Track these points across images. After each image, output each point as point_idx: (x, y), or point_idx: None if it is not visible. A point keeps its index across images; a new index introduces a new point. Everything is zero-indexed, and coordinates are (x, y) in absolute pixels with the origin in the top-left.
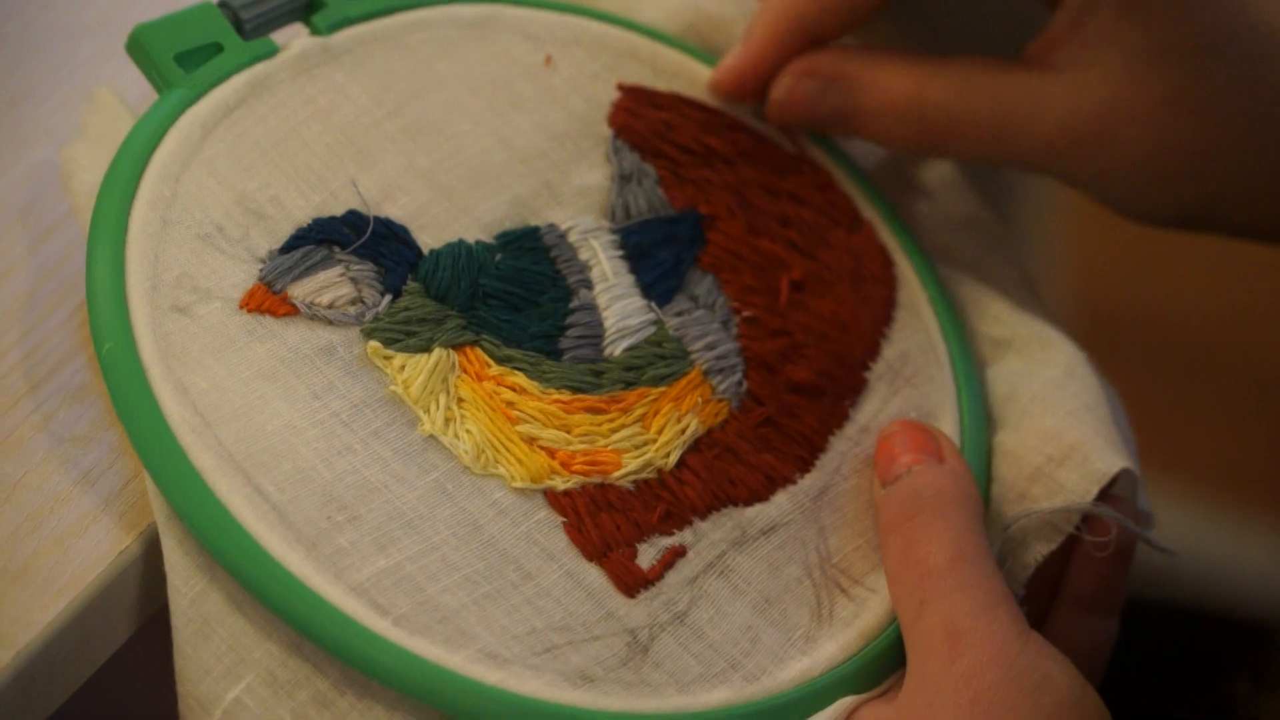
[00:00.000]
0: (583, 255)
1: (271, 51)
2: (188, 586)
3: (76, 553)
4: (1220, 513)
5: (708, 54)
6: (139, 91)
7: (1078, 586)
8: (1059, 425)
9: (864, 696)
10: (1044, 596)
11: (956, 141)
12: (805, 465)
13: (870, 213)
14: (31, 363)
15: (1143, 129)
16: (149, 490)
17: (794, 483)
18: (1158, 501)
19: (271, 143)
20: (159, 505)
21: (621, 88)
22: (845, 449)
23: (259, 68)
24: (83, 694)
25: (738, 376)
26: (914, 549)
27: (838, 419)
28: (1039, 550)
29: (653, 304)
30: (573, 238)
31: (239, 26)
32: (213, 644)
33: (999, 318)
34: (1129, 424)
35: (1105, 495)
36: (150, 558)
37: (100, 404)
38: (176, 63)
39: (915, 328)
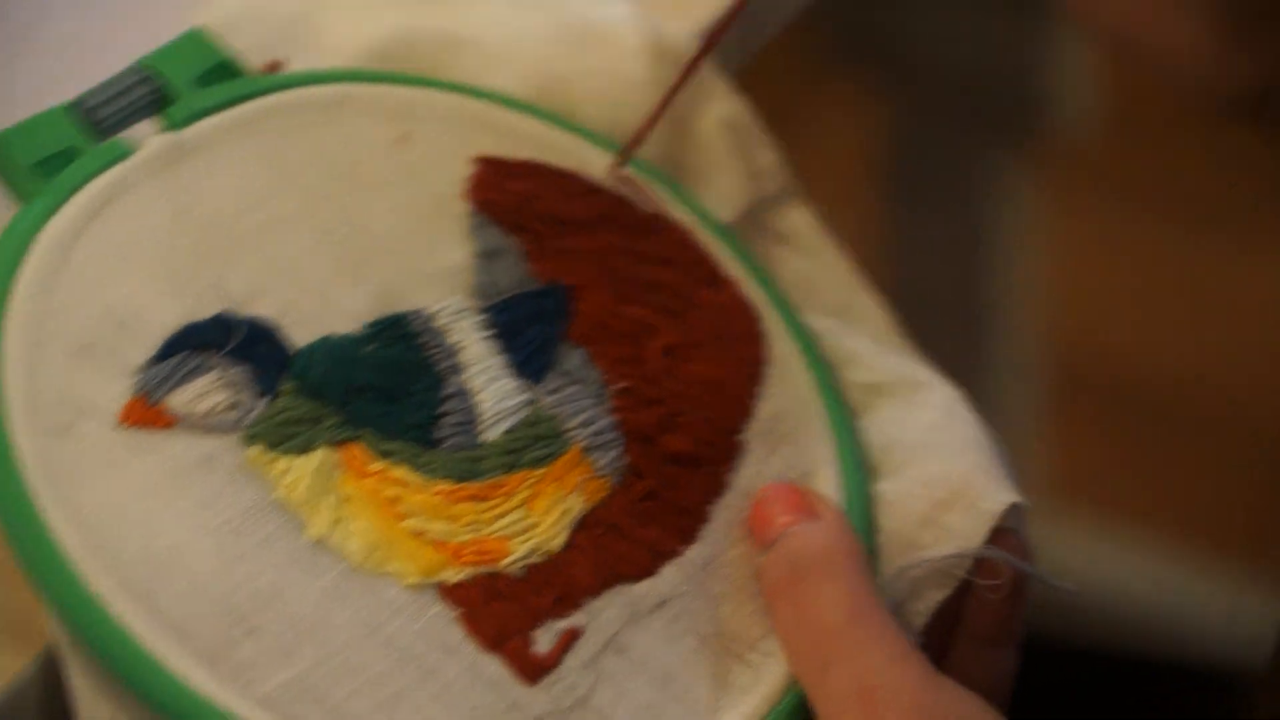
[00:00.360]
0: (452, 339)
1: (126, 153)
2: (96, 711)
3: None
4: (1187, 559)
5: (559, 118)
6: None
7: (975, 625)
8: (943, 469)
9: None
10: (940, 636)
11: None
12: (689, 536)
13: (733, 267)
14: None
15: None
16: (49, 617)
17: (679, 555)
18: (1127, 550)
19: (136, 249)
20: (59, 632)
21: (476, 160)
22: (728, 517)
23: (116, 170)
24: None
25: (617, 451)
26: (807, 611)
27: (717, 487)
28: (933, 597)
29: (527, 383)
30: (440, 321)
31: (92, 128)
32: None
33: (869, 364)
34: (1007, 458)
35: (995, 531)
36: (48, 680)
37: None
38: (34, 172)
39: (788, 383)
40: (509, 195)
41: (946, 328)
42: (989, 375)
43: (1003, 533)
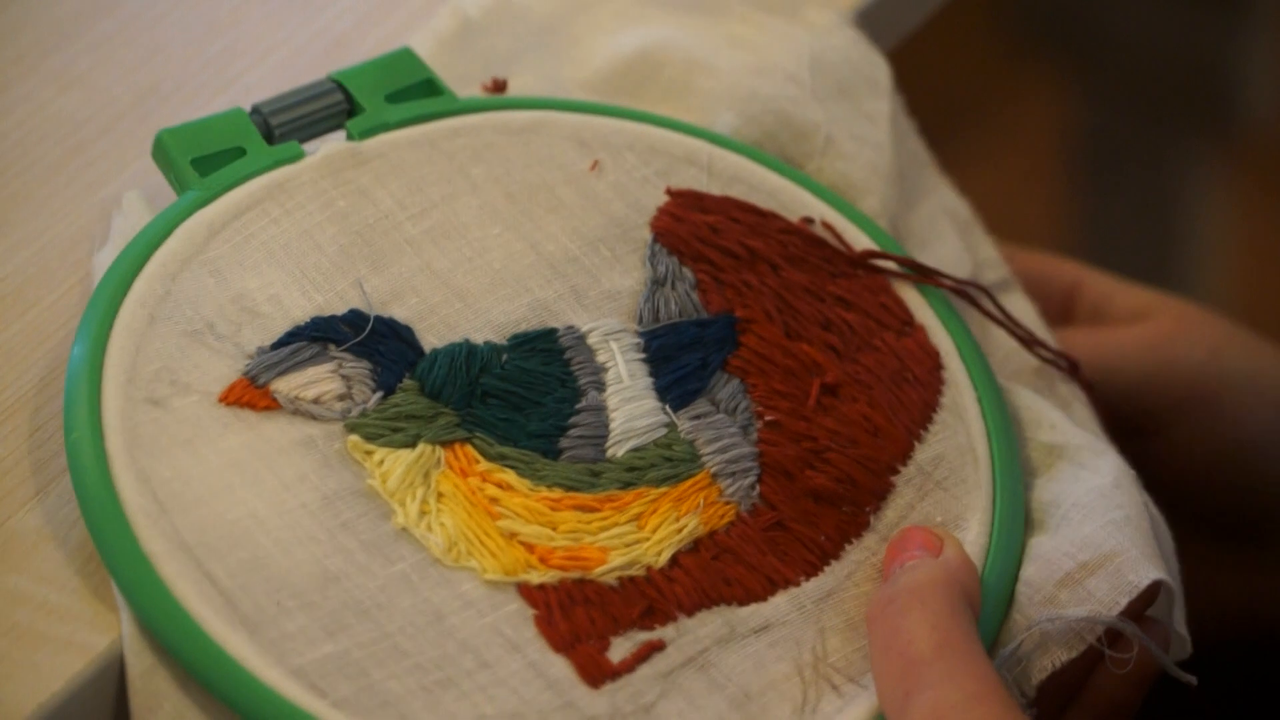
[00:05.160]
0: (600, 357)
1: (297, 156)
2: (139, 661)
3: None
4: None
5: (780, 162)
6: None
7: (1094, 698)
8: (1097, 534)
9: None
10: (1057, 702)
11: None
12: (813, 570)
13: (928, 316)
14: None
15: None
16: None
17: (797, 585)
18: None
19: (281, 244)
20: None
21: (670, 192)
22: (861, 557)
23: (281, 171)
24: None
25: (750, 480)
26: (896, 637)
27: (857, 528)
28: (1058, 655)
29: (666, 407)
30: (592, 340)
31: (267, 132)
32: (159, 718)
33: (1055, 425)
34: (1173, 548)
35: (1139, 615)
36: None
37: None
38: (194, 166)
39: (956, 430)
40: (694, 226)
41: None
42: None
43: (1146, 618)
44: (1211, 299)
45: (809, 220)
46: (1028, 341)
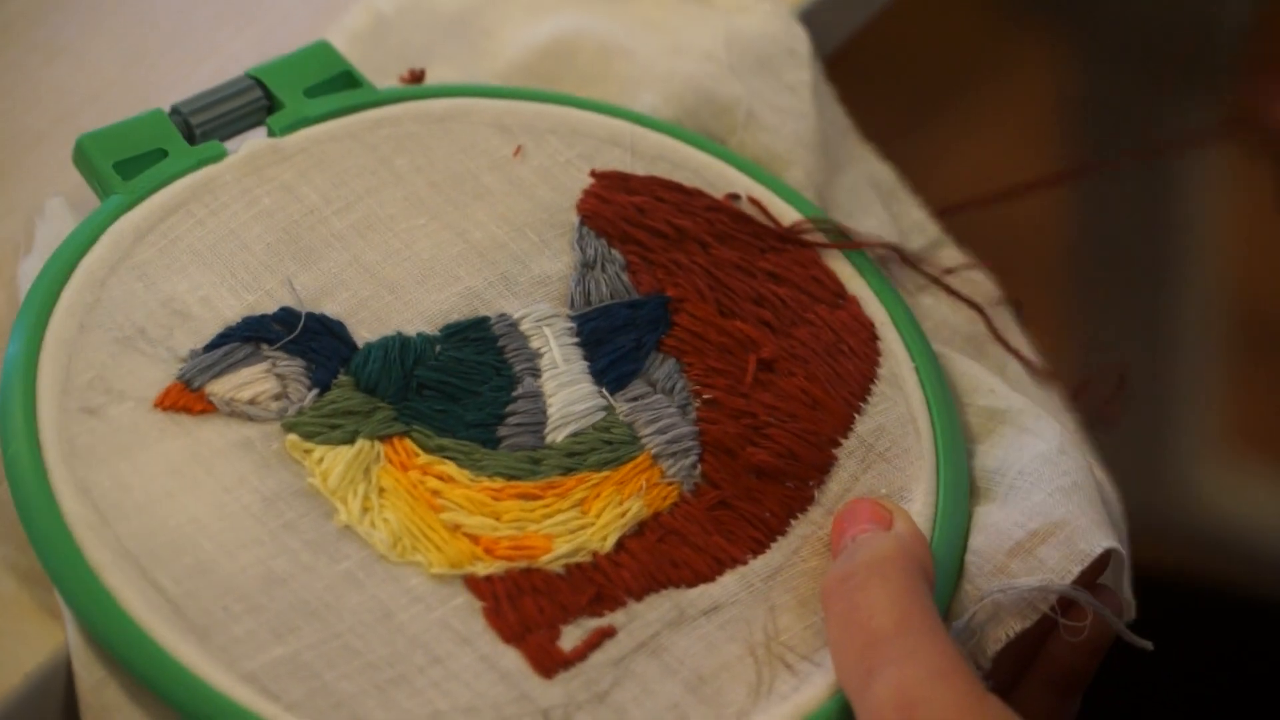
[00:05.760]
0: (534, 343)
1: (219, 155)
2: (89, 674)
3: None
4: None
5: (703, 138)
6: None
7: (1049, 668)
8: (1045, 502)
9: None
10: (1010, 671)
11: None
12: (760, 548)
13: (860, 287)
14: None
15: None
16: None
17: (744, 564)
18: None
19: (208, 245)
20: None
21: (594, 174)
22: (807, 532)
23: (204, 171)
24: None
25: (691, 459)
26: (855, 613)
27: (801, 502)
28: (1011, 625)
29: (603, 390)
30: (524, 326)
31: (188, 133)
32: None
33: (994, 390)
34: (1121, 512)
35: (1091, 583)
36: None
37: None
38: (117, 170)
39: (895, 400)
40: (621, 207)
41: (1130, 276)
42: (1172, 324)
43: (1099, 586)
44: (1207, 265)
45: (734, 196)
46: (937, 280)
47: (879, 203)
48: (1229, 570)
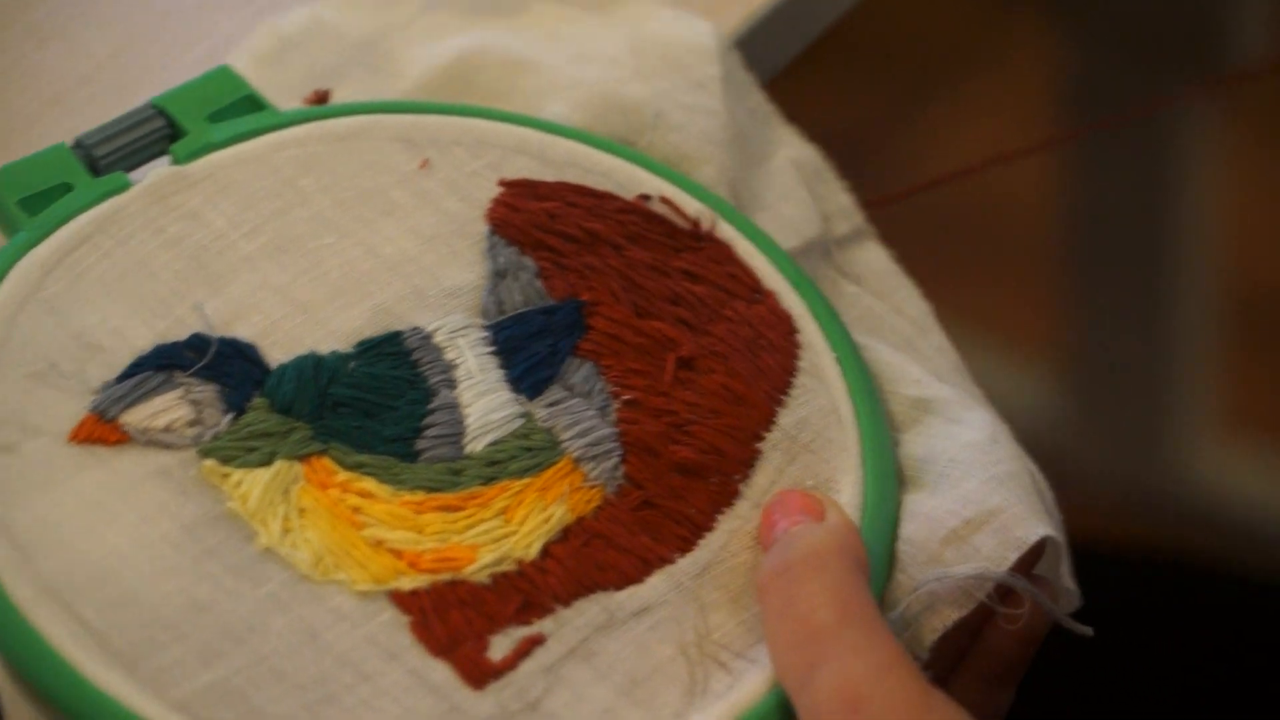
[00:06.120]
0: (448, 355)
1: (123, 186)
2: (17, 711)
3: None
4: None
5: (612, 142)
6: None
7: (984, 659)
8: (979, 490)
9: None
10: (946, 662)
11: None
12: (687, 545)
13: (777, 281)
14: None
15: None
16: None
17: (672, 563)
18: None
19: (116, 276)
20: None
21: (503, 183)
22: (734, 526)
23: (109, 203)
24: None
25: (613, 461)
26: (793, 607)
27: (727, 497)
28: (948, 615)
29: (521, 397)
30: (438, 338)
31: (92, 165)
32: None
33: (919, 380)
34: (1054, 500)
35: (1027, 572)
36: None
37: None
38: (22, 207)
39: (817, 392)
40: (531, 214)
41: (1125, 257)
42: (1166, 305)
43: (1035, 576)
44: (1204, 246)
45: (645, 197)
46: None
47: (802, 187)
48: (1225, 549)
